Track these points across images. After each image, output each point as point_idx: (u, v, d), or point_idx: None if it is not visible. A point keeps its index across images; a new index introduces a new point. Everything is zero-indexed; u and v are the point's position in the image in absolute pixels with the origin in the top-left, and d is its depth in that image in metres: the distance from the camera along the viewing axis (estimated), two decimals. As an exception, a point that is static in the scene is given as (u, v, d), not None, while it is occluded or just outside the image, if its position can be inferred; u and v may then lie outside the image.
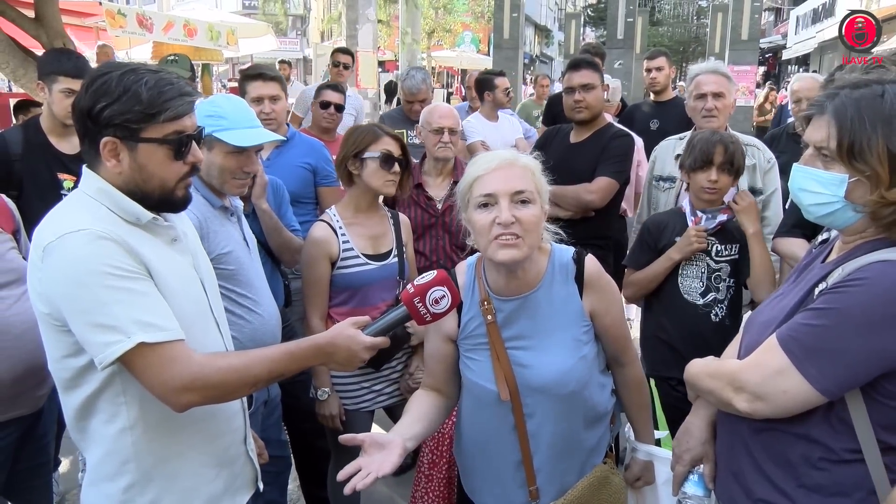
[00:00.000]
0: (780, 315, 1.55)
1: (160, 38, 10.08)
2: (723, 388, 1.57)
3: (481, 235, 1.78)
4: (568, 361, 1.88)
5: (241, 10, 28.11)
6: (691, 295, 2.78)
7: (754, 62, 14.85)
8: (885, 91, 1.40)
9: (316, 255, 2.67)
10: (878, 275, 1.38)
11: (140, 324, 1.48)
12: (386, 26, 21.87)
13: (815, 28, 25.07)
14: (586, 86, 3.57)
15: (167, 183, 1.64)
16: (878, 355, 1.37)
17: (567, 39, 19.15)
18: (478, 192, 1.78)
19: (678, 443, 1.82)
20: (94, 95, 1.55)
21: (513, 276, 1.87)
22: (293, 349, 1.69)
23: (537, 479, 1.93)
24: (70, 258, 1.48)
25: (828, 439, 1.46)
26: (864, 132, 1.40)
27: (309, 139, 3.77)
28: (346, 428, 2.77)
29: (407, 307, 1.71)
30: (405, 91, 5.02)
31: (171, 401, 1.53)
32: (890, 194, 1.38)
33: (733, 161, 2.71)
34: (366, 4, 8.97)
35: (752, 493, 1.59)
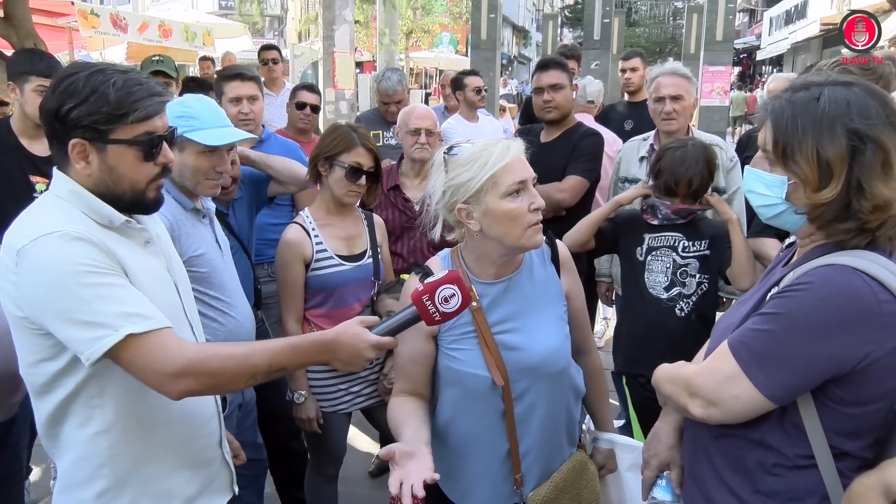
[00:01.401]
0: (738, 319, 1.55)
1: (135, 39, 10.00)
2: (680, 394, 1.56)
3: (513, 222, 1.77)
4: (557, 338, 1.92)
5: (217, 11, 27.90)
6: (656, 289, 2.82)
7: (729, 63, 14.98)
8: (822, 95, 1.40)
9: (290, 257, 2.66)
10: (821, 279, 1.37)
11: (125, 315, 1.46)
12: (364, 27, 21.81)
13: (788, 29, 25.41)
14: (555, 86, 3.60)
15: (138, 184, 1.61)
16: (823, 360, 1.36)
17: (545, 40, 19.21)
18: (509, 180, 1.76)
19: (647, 448, 1.82)
20: (62, 96, 1.53)
21: (507, 263, 1.90)
22: (296, 342, 1.65)
23: (522, 466, 1.93)
24: (46, 259, 1.46)
25: (782, 445, 1.46)
26: (796, 135, 1.40)
27: (284, 140, 3.76)
28: (324, 430, 2.76)
29: (416, 306, 1.65)
30: (381, 92, 5.02)
31: (167, 388, 1.50)
32: (818, 196, 1.38)
33: (697, 194, 2.76)
34: (343, 5, 8.92)
35: (711, 499, 1.58)
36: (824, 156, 1.37)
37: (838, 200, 1.37)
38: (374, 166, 2.73)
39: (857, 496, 1.24)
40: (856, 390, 1.38)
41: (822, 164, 1.37)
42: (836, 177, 1.36)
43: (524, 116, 6.13)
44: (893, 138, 1.37)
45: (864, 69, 2.75)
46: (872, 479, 1.24)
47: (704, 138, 3.52)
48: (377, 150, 2.78)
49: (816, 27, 21.99)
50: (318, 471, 2.96)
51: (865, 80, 1.50)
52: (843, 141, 1.36)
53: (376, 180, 2.80)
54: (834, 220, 1.40)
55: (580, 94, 4.77)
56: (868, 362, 1.34)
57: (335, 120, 7.80)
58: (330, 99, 8.87)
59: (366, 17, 21.28)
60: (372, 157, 2.72)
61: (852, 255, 1.37)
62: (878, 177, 1.35)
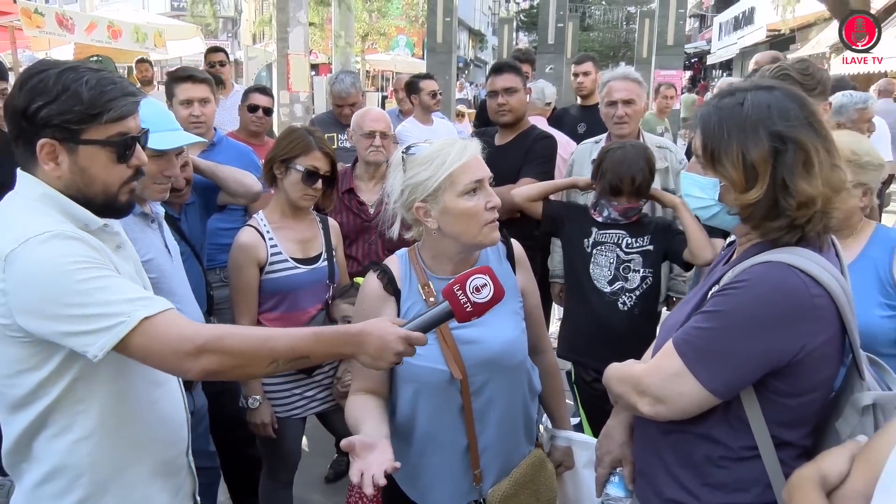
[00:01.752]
0: (683, 318, 1.60)
1: (82, 40, 9.73)
2: (629, 392, 1.60)
3: (471, 220, 1.82)
4: (513, 332, 1.95)
5: (168, 12, 27.41)
6: (600, 282, 2.92)
7: (680, 67, 15.32)
8: (745, 100, 1.47)
9: (243, 260, 2.63)
10: (758, 276, 1.43)
11: (133, 301, 1.43)
12: (319, 29, 21.63)
13: (737, 35, 26.08)
14: (509, 89, 3.64)
15: (110, 187, 1.56)
16: (762, 355, 1.42)
17: (500, 44, 19.39)
18: (466, 179, 1.81)
19: (599, 446, 1.86)
20: (30, 94, 1.46)
21: (464, 260, 1.93)
22: (319, 331, 1.59)
23: (481, 462, 1.95)
24: (41, 260, 1.40)
25: (727, 438, 1.51)
26: (722, 139, 1.47)
27: (237, 144, 3.71)
28: (278, 436, 2.74)
29: (447, 299, 1.62)
30: (334, 95, 5.00)
31: (187, 366, 1.45)
32: (746, 197, 1.45)
33: (640, 191, 2.86)
34: (297, 7, 8.85)
35: (661, 493, 1.63)
36: (749, 158, 1.43)
37: (765, 200, 1.43)
38: (330, 170, 2.72)
39: (795, 487, 1.28)
40: (794, 382, 1.44)
41: (747, 166, 1.44)
42: (761, 177, 1.43)
43: (479, 119, 6.18)
44: (813, 138, 1.44)
45: (804, 74, 2.84)
46: (809, 471, 1.29)
47: (655, 141, 3.61)
48: (334, 153, 2.78)
49: (763, 33, 22.61)
50: (273, 477, 2.93)
51: (786, 85, 1.57)
52: (766, 143, 1.42)
53: (332, 184, 2.79)
54: (764, 218, 1.46)
55: (538, 96, 4.87)
56: (804, 354, 1.41)
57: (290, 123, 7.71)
58: (284, 101, 8.78)
59: (321, 19, 21.11)
60: (328, 161, 2.71)
61: (786, 252, 1.43)
62: (800, 175, 1.41)
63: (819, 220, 1.44)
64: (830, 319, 1.43)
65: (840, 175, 1.47)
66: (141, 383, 1.64)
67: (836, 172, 1.46)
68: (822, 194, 1.42)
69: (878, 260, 2.18)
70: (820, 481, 1.24)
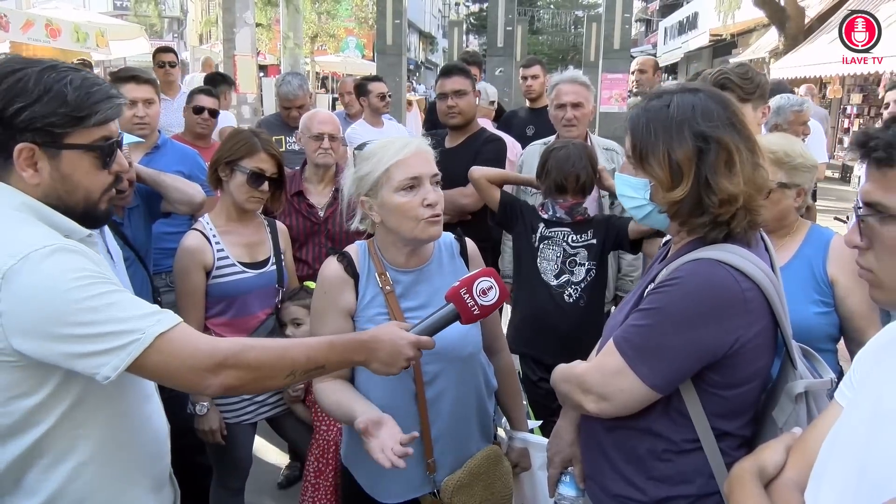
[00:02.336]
0: (623, 317, 1.64)
1: (18, 38, 9.37)
2: (574, 391, 1.63)
3: (406, 216, 1.86)
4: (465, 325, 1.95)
5: (111, 11, 26.65)
6: (547, 275, 3.00)
7: (626, 70, 15.56)
8: (672, 101, 1.53)
9: (189, 264, 2.58)
10: (689, 274, 1.48)
11: (146, 317, 1.35)
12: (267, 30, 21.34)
13: (682, 39, 26.69)
14: (458, 91, 3.67)
15: (92, 195, 1.48)
16: (697, 349, 1.47)
17: (451, 46, 19.41)
18: (401, 175, 1.84)
19: (549, 446, 1.89)
20: (6, 95, 1.35)
21: (414, 253, 1.97)
22: (333, 339, 1.56)
23: (434, 451, 1.96)
24: (46, 276, 1.30)
25: (669, 432, 1.55)
26: (649, 139, 1.52)
27: (181, 146, 3.65)
28: (228, 442, 2.70)
29: (453, 301, 1.64)
30: (282, 97, 4.95)
31: (207, 383, 1.39)
32: (671, 195, 1.50)
33: (585, 190, 2.93)
34: (243, 8, 8.73)
35: (608, 489, 1.66)
36: (674, 157, 1.49)
37: (690, 197, 1.49)
38: (276, 172, 2.69)
39: (735, 479, 1.32)
40: (730, 374, 1.49)
41: (672, 165, 1.49)
42: (686, 176, 1.48)
43: (428, 122, 6.19)
44: (735, 138, 1.50)
45: (743, 79, 2.93)
46: (748, 463, 1.33)
47: (603, 144, 3.68)
48: (280, 155, 2.75)
49: (706, 38, 23.20)
50: (224, 484, 2.88)
51: (711, 88, 1.64)
52: (690, 142, 1.48)
53: (280, 186, 2.76)
54: (690, 215, 1.52)
55: (483, 96, 4.94)
56: (738, 347, 1.46)
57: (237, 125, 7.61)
58: (232, 103, 8.66)
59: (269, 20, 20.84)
60: (275, 163, 2.68)
61: (716, 249, 1.49)
62: (722, 174, 1.47)
63: (743, 217, 1.49)
64: (761, 312, 1.49)
65: (762, 174, 1.53)
66: (136, 400, 1.57)
67: (759, 172, 1.52)
68: (744, 192, 1.47)
69: (812, 258, 2.26)
70: (758, 473, 1.29)
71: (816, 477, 1.14)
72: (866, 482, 1.02)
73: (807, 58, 11.46)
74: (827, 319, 2.22)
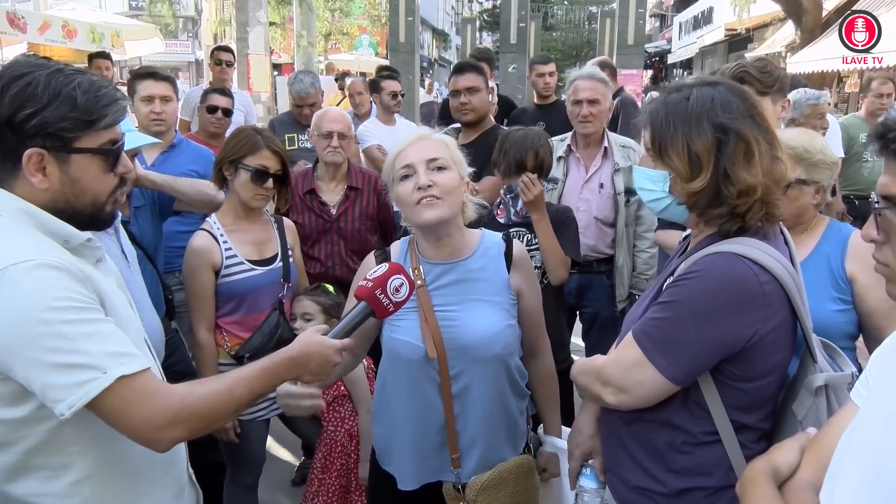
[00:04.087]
0: (642, 311, 1.65)
1: (35, 39, 9.46)
2: (593, 384, 1.65)
3: (406, 204, 1.90)
4: (497, 325, 1.97)
5: (126, 12, 26.85)
6: None
7: (640, 66, 15.52)
8: (691, 94, 1.54)
9: (197, 265, 2.59)
10: (708, 267, 1.49)
11: (113, 355, 1.31)
12: (281, 29, 21.44)
13: (696, 34, 26.46)
14: (471, 89, 3.67)
15: (100, 197, 1.47)
16: (716, 342, 1.48)
17: (463, 43, 19.41)
18: (398, 165, 1.92)
19: (570, 440, 1.91)
20: (16, 100, 1.34)
21: (441, 242, 1.97)
22: (267, 365, 1.54)
23: (459, 447, 1.97)
24: (22, 294, 1.27)
25: (688, 424, 1.56)
26: (668, 132, 1.54)
27: (197, 146, 3.67)
28: (241, 439, 2.70)
29: (367, 301, 1.68)
30: (293, 95, 4.96)
31: (155, 439, 1.36)
32: (690, 186, 1.52)
33: (543, 166, 2.91)
34: (256, 7, 8.77)
35: (628, 481, 1.68)
36: (694, 149, 1.50)
37: (709, 188, 1.50)
38: (280, 169, 2.69)
39: (748, 480, 1.31)
40: (749, 367, 1.50)
41: (691, 157, 1.51)
42: (705, 167, 1.49)
43: (441, 119, 6.17)
44: (753, 129, 1.51)
45: (762, 72, 2.89)
46: (761, 463, 1.31)
47: (620, 141, 3.65)
48: (284, 152, 2.75)
49: (721, 32, 22.97)
50: (237, 481, 2.89)
51: (729, 81, 1.65)
52: (709, 134, 1.49)
53: (284, 183, 2.76)
54: (708, 206, 1.53)
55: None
56: (756, 340, 1.47)
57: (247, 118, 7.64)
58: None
59: (282, 19, 20.93)
60: (278, 160, 2.68)
61: (734, 243, 1.50)
62: (740, 165, 1.48)
63: (759, 209, 1.50)
64: (780, 305, 1.49)
65: (781, 167, 1.54)
66: None
67: (777, 164, 1.53)
68: (762, 184, 1.48)
69: (830, 255, 2.23)
70: (771, 473, 1.27)
71: (831, 477, 1.12)
72: (882, 483, 1.00)
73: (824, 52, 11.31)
74: (845, 317, 2.19)
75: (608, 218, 3.56)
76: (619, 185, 3.55)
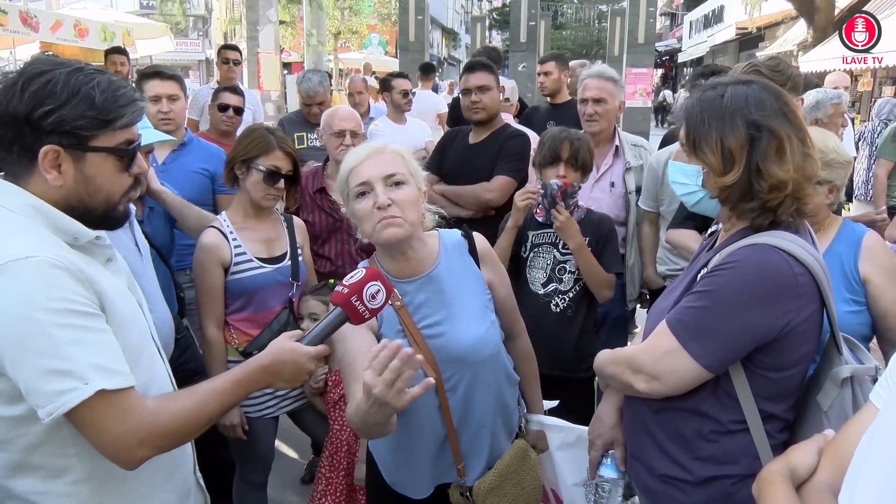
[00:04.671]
0: (671, 302, 1.69)
1: (47, 38, 9.52)
2: (623, 372, 1.69)
3: (365, 222, 1.85)
4: (481, 327, 1.96)
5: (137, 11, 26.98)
6: (534, 285, 2.91)
7: (651, 64, 15.47)
8: (726, 92, 1.59)
9: (207, 262, 2.60)
10: (744, 258, 1.53)
11: (98, 368, 1.31)
12: (290, 27, 21.47)
13: (707, 32, 26.36)
14: (482, 87, 3.65)
15: (113, 197, 1.48)
16: (749, 331, 1.52)
17: (473, 42, 19.35)
18: (354, 182, 1.85)
19: (591, 430, 1.95)
20: (35, 97, 1.34)
21: (404, 257, 1.93)
22: (240, 376, 1.54)
23: (462, 456, 1.97)
24: (19, 291, 1.28)
25: (717, 413, 1.60)
26: (702, 128, 1.58)
27: (208, 144, 3.67)
28: (250, 436, 2.71)
29: (343, 307, 1.64)
30: (302, 94, 4.96)
31: (122, 458, 1.37)
32: (722, 180, 1.56)
33: (578, 157, 2.86)
34: (266, 5, 8.78)
35: (654, 469, 1.71)
36: (727, 144, 1.54)
37: (741, 183, 1.55)
38: (292, 169, 2.70)
39: (764, 481, 1.29)
40: (779, 356, 1.54)
41: (724, 152, 1.55)
42: (738, 162, 1.54)
43: (452, 117, 6.17)
44: (786, 126, 1.54)
45: (774, 71, 2.89)
46: (778, 465, 1.30)
47: (631, 140, 3.63)
48: (295, 153, 2.76)
49: (732, 31, 22.87)
50: (246, 479, 2.90)
51: (763, 79, 1.68)
52: (743, 130, 1.53)
53: (295, 183, 2.77)
54: (740, 200, 1.57)
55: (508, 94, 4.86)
56: (788, 330, 1.51)
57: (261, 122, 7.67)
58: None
59: (292, 18, 20.97)
60: (290, 161, 2.69)
61: (769, 235, 1.54)
62: (772, 160, 1.52)
63: (790, 204, 1.54)
64: (812, 296, 1.53)
65: (812, 164, 1.57)
66: None
67: (809, 161, 1.57)
68: (794, 179, 1.52)
69: (843, 256, 2.21)
70: (789, 475, 1.26)
71: (851, 480, 1.11)
72: None
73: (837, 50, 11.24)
74: (859, 318, 2.17)
75: (619, 217, 3.54)
76: (631, 183, 3.54)
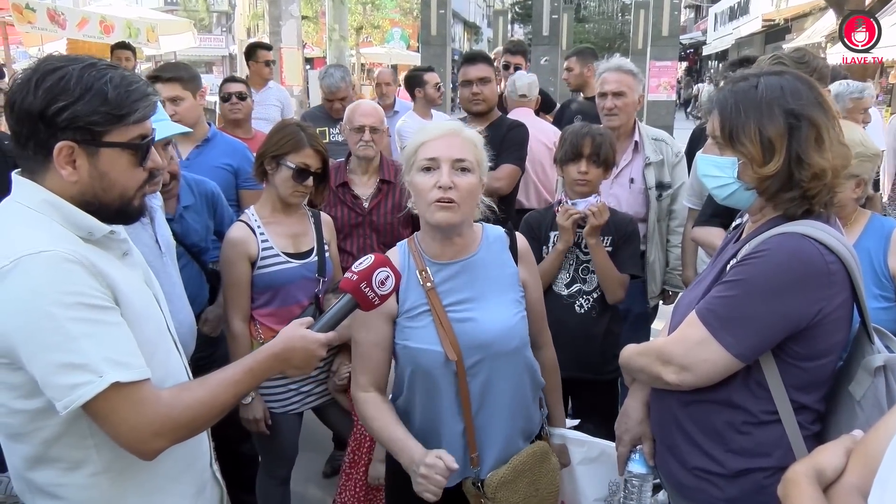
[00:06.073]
0: (700, 294, 1.68)
1: (74, 35, 9.66)
2: (652, 363, 1.69)
3: (421, 197, 1.87)
4: (511, 318, 1.95)
5: (162, 7, 27.24)
6: (558, 286, 2.89)
7: (675, 57, 15.28)
8: (759, 83, 1.58)
9: (234, 256, 2.62)
10: (776, 246, 1.53)
11: (111, 362, 1.32)
12: (313, 23, 21.55)
13: (732, 25, 26.02)
14: (483, 79, 3.67)
15: (128, 191, 1.48)
16: (782, 319, 1.51)
17: (495, 36, 19.26)
18: (422, 155, 1.87)
19: (618, 425, 1.94)
20: (49, 94, 1.35)
21: (448, 242, 1.94)
22: (252, 365, 1.56)
23: (478, 445, 1.96)
24: (32, 285, 1.29)
25: (748, 403, 1.60)
26: (739, 119, 1.57)
27: (231, 140, 3.70)
28: (274, 431, 2.73)
29: (352, 294, 1.67)
30: (324, 89, 4.97)
31: (139, 449, 1.39)
32: (763, 170, 1.55)
33: (600, 152, 2.82)
34: (289, 1, 8.82)
35: (686, 463, 1.70)
36: (766, 134, 1.54)
37: (782, 172, 1.55)
38: (321, 167, 2.71)
39: (790, 482, 1.27)
40: (810, 345, 1.54)
41: (764, 142, 1.55)
42: (778, 151, 1.54)
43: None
44: (822, 116, 1.55)
45: (798, 62, 2.84)
46: (804, 466, 1.28)
47: (652, 133, 3.59)
48: (325, 151, 2.76)
49: (758, 23, 22.55)
50: (270, 473, 2.93)
51: (794, 70, 1.71)
52: (781, 120, 1.53)
53: (324, 180, 2.78)
54: (780, 190, 1.57)
55: (510, 88, 4.75)
56: (820, 318, 1.51)
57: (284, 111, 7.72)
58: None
59: (315, 13, 21.04)
60: (320, 159, 2.70)
61: (800, 224, 1.54)
62: (813, 149, 1.53)
63: (826, 193, 1.55)
64: (843, 285, 1.53)
65: (846, 151, 1.58)
66: None
67: (843, 149, 1.57)
68: (833, 168, 1.53)
69: (872, 251, 2.18)
70: (815, 476, 1.24)
71: (881, 482, 1.08)
72: None
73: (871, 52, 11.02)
74: (888, 315, 2.14)
75: (639, 213, 3.50)
76: (651, 179, 3.50)
